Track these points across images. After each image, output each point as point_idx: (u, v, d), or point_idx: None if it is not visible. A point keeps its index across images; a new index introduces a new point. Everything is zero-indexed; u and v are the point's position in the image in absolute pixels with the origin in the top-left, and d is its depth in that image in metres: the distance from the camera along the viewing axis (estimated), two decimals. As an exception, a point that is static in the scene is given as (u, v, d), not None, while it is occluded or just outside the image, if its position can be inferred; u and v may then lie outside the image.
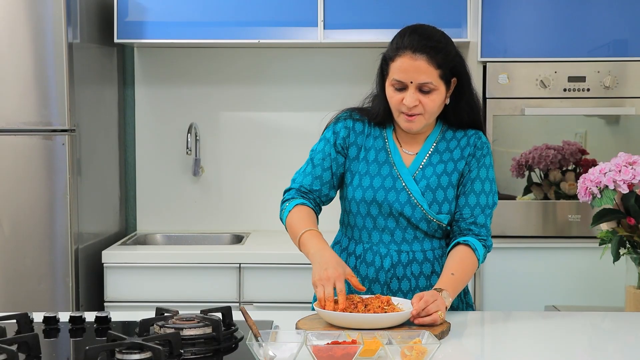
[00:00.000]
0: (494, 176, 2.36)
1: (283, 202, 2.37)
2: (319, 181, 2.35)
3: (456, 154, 2.32)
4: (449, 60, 2.21)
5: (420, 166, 2.31)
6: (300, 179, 2.38)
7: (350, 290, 2.26)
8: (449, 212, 2.31)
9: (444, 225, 2.31)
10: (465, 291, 2.42)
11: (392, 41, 2.25)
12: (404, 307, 2.09)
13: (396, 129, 2.35)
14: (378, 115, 2.33)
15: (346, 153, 2.35)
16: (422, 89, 2.20)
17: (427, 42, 2.19)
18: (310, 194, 2.36)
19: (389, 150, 2.33)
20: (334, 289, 2.09)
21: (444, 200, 2.29)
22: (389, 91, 2.25)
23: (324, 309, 2.05)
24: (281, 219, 2.36)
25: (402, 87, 2.21)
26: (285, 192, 2.40)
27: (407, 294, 2.30)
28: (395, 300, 2.13)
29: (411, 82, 2.19)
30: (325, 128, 2.40)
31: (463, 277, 2.23)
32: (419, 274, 2.31)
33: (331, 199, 2.41)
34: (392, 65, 2.22)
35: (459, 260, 2.24)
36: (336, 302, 2.07)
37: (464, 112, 2.31)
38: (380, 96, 2.31)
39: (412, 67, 2.18)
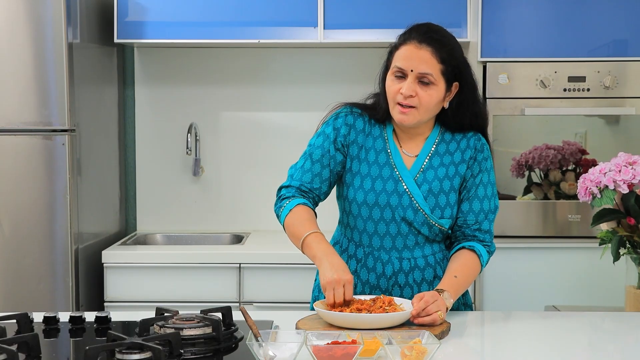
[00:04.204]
0: (495, 179, 2.34)
1: (282, 199, 2.31)
2: (318, 179, 2.31)
3: (457, 157, 2.29)
4: (453, 59, 2.21)
5: (421, 169, 2.28)
6: (299, 175, 2.32)
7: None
8: (451, 217, 2.28)
9: (445, 229, 2.29)
10: (465, 292, 2.41)
11: (399, 35, 2.25)
12: (405, 307, 2.09)
13: (396, 129, 2.32)
14: (380, 110, 2.29)
15: (346, 152, 2.31)
16: (422, 80, 2.18)
17: (434, 35, 2.20)
18: (310, 193, 2.31)
19: (389, 151, 2.29)
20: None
21: (446, 204, 2.27)
22: (389, 81, 2.23)
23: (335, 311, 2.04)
24: (278, 216, 2.31)
25: (402, 75, 2.20)
26: (282, 187, 2.34)
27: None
28: (396, 300, 2.12)
29: (411, 71, 2.18)
30: (324, 122, 2.35)
31: (465, 280, 2.22)
32: (421, 281, 2.29)
33: (327, 197, 2.37)
34: (396, 54, 2.22)
35: (462, 264, 2.24)
36: (347, 305, 2.06)
37: (465, 119, 2.28)
38: (382, 92, 2.28)
39: (415, 56, 2.18)
